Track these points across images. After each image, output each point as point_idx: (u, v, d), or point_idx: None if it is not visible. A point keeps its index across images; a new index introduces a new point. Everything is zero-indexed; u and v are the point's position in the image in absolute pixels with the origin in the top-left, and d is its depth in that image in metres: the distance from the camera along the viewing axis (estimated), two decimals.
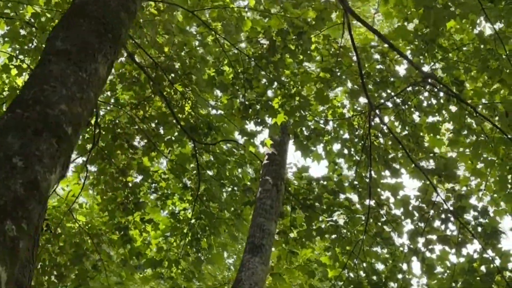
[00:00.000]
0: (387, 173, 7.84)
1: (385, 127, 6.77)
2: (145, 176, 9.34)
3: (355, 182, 7.95)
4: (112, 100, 8.75)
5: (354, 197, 8.35)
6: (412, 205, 6.69)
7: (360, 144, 7.97)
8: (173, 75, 8.17)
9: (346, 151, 8.17)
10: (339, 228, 7.07)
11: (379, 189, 7.31)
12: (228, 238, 9.40)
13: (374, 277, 7.15)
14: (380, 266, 7.51)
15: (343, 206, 7.90)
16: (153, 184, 9.50)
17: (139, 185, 9.33)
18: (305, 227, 7.99)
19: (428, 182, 6.28)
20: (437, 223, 6.65)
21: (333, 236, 7.25)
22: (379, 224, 7.14)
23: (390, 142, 7.76)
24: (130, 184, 9.30)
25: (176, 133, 9.16)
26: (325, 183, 8.18)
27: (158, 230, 9.63)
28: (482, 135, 6.69)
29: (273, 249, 8.21)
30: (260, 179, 7.05)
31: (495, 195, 7.56)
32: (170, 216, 9.53)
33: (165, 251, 9.62)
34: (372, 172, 7.40)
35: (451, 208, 6.27)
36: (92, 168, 9.56)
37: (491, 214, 6.57)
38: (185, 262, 9.66)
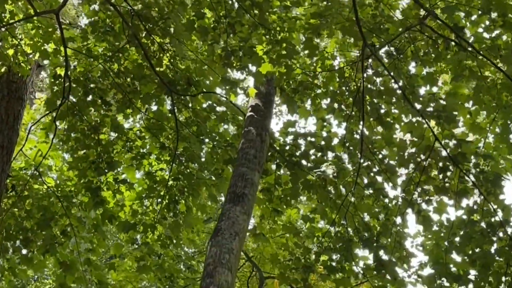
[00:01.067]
0: (380, 129, 7.39)
1: (380, 69, 6.31)
2: (119, 133, 8.81)
3: (345, 140, 7.49)
4: (84, 51, 8.20)
5: (344, 156, 7.91)
6: (408, 152, 6.25)
7: (351, 98, 7.53)
8: (150, 24, 7.63)
9: (336, 106, 7.72)
10: (328, 182, 6.62)
11: (371, 146, 6.88)
12: (208, 200, 8.94)
13: (366, 234, 6.74)
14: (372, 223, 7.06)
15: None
16: (128, 143, 8.97)
17: (113, 143, 8.83)
18: (290, 185, 7.55)
19: (425, 126, 5.85)
20: (434, 173, 6.23)
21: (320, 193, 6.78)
22: (371, 174, 6.70)
23: (384, 96, 7.31)
24: (103, 142, 8.76)
25: (153, 90, 8.64)
26: (312, 139, 7.72)
27: (132, 192, 9.13)
28: (484, 82, 6.26)
29: (256, 209, 7.80)
30: (243, 131, 6.59)
31: (495, 153, 7.18)
32: (146, 177, 9.02)
33: (140, 215, 9.12)
34: (364, 129, 6.96)
35: (450, 155, 5.85)
36: (62, 127, 9.00)
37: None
38: (161, 227, 9.19)
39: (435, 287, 6.05)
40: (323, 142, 7.76)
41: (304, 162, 7.76)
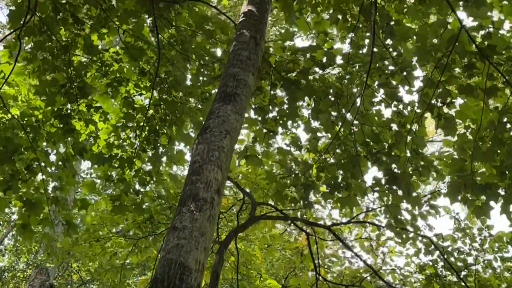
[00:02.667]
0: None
1: None
2: (93, 55, 8.02)
3: (350, 56, 6.75)
4: None
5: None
6: (429, 44, 5.49)
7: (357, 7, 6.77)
8: None
9: (340, 16, 6.97)
10: (333, 86, 5.89)
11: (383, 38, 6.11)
12: (194, 129, 8.20)
13: (375, 147, 6.04)
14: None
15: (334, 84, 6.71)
16: (103, 67, 8.19)
17: (86, 66, 8.02)
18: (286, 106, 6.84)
19: (450, 12, 5.11)
20: (458, 70, 5.51)
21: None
22: (384, 76, 5.96)
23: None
24: (74, 64, 7.97)
25: (132, 7, 7.86)
26: (313, 54, 6.98)
27: (107, 122, 8.35)
28: None
29: (246, 130, 7.08)
30: (234, 35, 5.85)
31: None
32: (123, 104, 8.24)
33: (116, 148, 8.35)
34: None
35: (478, 47, 5.12)
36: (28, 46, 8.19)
37: None
38: (140, 162, 8.43)
39: (458, 200, 5.37)
40: (325, 59, 7.01)
41: (303, 81, 7.00)
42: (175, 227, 4.02)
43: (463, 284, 7.64)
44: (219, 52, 8.47)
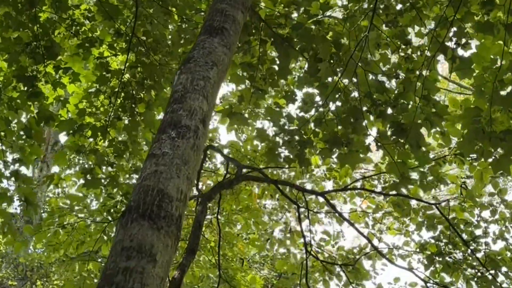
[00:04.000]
0: None
1: None
2: (62, 12, 7.54)
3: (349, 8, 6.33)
4: None
5: None
6: None
7: None
8: None
9: None
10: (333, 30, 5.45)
11: None
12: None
13: (380, 99, 5.61)
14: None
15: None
16: (74, 26, 7.70)
17: (54, 23, 7.53)
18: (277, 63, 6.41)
19: None
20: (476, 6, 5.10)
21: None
22: (391, 15, 5.54)
23: None
24: (41, 21, 7.47)
25: None
26: (307, 8, 6.56)
27: (78, 87, 7.85)
28: None
29: (233, 86, 6.64)
30: None
31: None
32: (95, 67, 7.75)
33: (88, 116, 7.85)
34: None
35: None
36: None
37: None
38: (114, 131, 7.94)
39: (473, 151, 4.95)
40: (319, 11, 6.58)
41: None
42: (153, 154, 3.56)
43: (469, 261, 7.26)
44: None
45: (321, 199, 8.17)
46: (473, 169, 7.00)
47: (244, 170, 6.50)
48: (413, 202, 7.58)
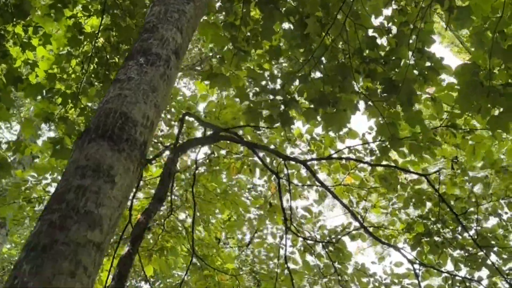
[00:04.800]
0: None
1: None
2: None
3: None
4: None
5: None
6: None
7: None
8: None
9: None
10: None
11: None
12: None
13: (370, 54, 5.36)
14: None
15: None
16: None
17: None
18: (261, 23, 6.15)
19: None
20: None
21: None
22: None
23: None
24: None
25: None
26: None
27: (49, 51, 7.54)
28: None
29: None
30: None
31: None
32: (68, 29, 7.44)
33: (58, 81, 7.54)
34: None
35: None
36: None
37: None
38: (86, 99, 7.64)
39: (470, 108, 4.71)
40: None
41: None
42: (118, 80, 3.29)
43: (459, 239, 7.03)
44: None
45: (304, 173, 7.93)
46: (465, 144, 6.80)
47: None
48: (402, 181, 7.34)
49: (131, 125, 2.94)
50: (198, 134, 8.26)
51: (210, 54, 7.73)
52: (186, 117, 7.28)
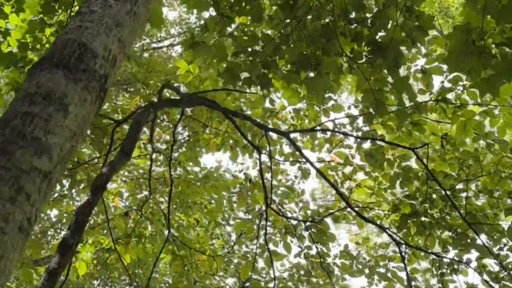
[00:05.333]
0: None
1: None
2: None
3: None
4: None
5: None
6: None
7: None
8: None
9: None
10: None
11: None
12: None
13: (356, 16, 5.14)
14: None
15: None
16: None
17: None
18: None
19: None
20: None
21: None
22: None
23: None
24: None
25: None
26: None
27: (22, 16, 7.28)
28: None
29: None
30: None
31: None
32: None
33: (31, 51, 7.28)
34: None
35: None
36: None
37: None
38: None
39: (459, 68, 4.49)
40: None
41: None
42: (80, 12, 3.04)
43: (448, 218, 6.83)
44: None
45: (287, 149, 7.73)
46: (456, 120, 6.62)
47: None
48: (389, 157, 7.13)
49: (90, 56, 2.72)
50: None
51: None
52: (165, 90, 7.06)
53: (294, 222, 7.53)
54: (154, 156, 9.22)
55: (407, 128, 6.78)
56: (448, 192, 6.35)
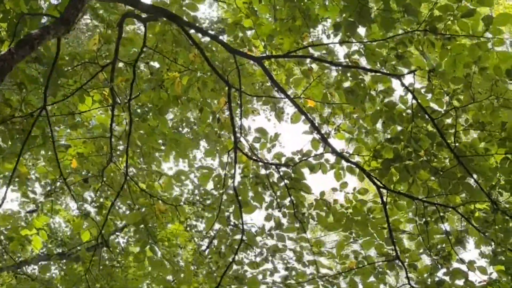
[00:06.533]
0: None
1: None
2: None
3: None
4: None
5: None
6: None
7: None
8: None
9: None
10: None
11: None
12: None
13: None
14: None
15: None
16: None
17: None
18: None
19: None
20: None
21: None
22: None
23: None
24: None
25: None
26: None
27: None
28: None
29: None
30: None
31: None
32: None
33: None
34: None
35: None
36: None
37: None
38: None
39: None
40: None
41: None
42: None
43: (434, 161, 6.41)
44: None
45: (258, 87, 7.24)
46: (445, 54, 6.23)
47: None
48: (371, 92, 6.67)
49: None
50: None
51: None
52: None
53: (265, 172, 7.09)
54: (116, 112, 8.71)
55: (391, 63, 6.38)
56: (436, 118, 5.94)
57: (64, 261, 13.30)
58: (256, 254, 7.51)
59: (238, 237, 7.25)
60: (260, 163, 7.30)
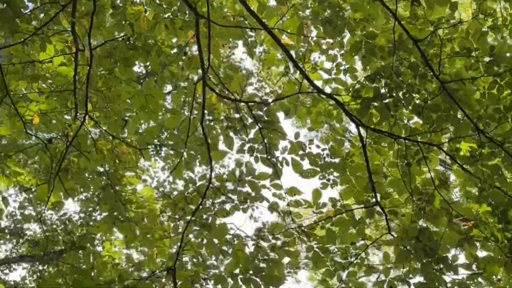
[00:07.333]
0: None
1: None
2: None
3: None
4: None
5: None
6: None
7: None
8: None
9: None
10: None
11: None
12: None
13: None
14: None
15: None
16: None
17: None
18: None
19: None
20: None
21: None
22: None
23: None
24: None
25: None
26: None
27: None
28: None
29: None
30: None
31: None
32: None
33: None
34: None
35: None
36: None
37: None
38: None
39: None
40: None
41: None
42: None
43: (417, 97, 6.04)
44: None
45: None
46: None
47: None
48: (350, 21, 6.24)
49: None
50: None
51: None
52: None
53: (237, 115, 6.72)
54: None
55: None
56: (419, 40, 5.58)
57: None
58: (226, 201, 7.16)
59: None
60: (231, 104, 6.93)
